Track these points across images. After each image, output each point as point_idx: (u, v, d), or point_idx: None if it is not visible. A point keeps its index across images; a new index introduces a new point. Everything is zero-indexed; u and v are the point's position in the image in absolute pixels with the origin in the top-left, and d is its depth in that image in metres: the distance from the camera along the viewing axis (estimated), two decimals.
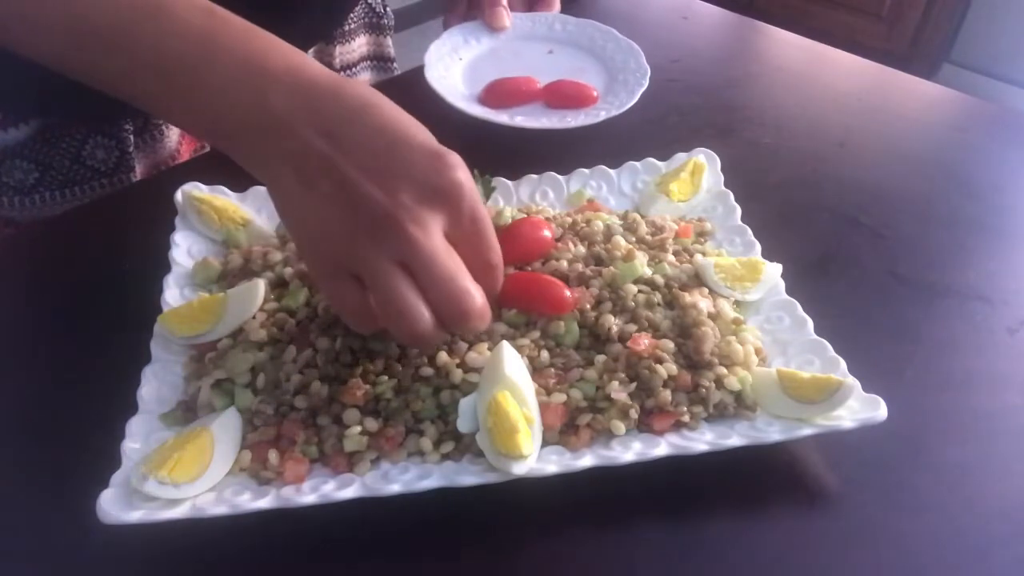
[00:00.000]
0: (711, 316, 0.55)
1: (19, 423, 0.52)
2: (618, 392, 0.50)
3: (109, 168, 0.74)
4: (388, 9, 0.97)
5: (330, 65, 0.89)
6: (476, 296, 0.45)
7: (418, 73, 0.76)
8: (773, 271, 0.59)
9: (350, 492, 0.45)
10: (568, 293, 0.54)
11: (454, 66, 0.77)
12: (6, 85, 0.67)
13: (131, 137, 0.74)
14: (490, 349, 0.51)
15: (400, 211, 0.43)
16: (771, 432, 0.49)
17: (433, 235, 0.44)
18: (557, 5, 0.85)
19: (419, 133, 0.46)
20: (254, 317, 0.54)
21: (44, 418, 0.52)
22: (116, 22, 0.47)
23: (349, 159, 0.44)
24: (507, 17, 0.81)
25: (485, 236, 0.47)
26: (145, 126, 0.76)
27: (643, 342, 0.52)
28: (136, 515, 0.43)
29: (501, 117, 0.70)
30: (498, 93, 0.73)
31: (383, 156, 0.44)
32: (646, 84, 0.74)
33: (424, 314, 0.43)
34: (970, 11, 2.59)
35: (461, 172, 0.45)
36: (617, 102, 0.72)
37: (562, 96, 0.74)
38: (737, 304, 0.58)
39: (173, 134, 0.80)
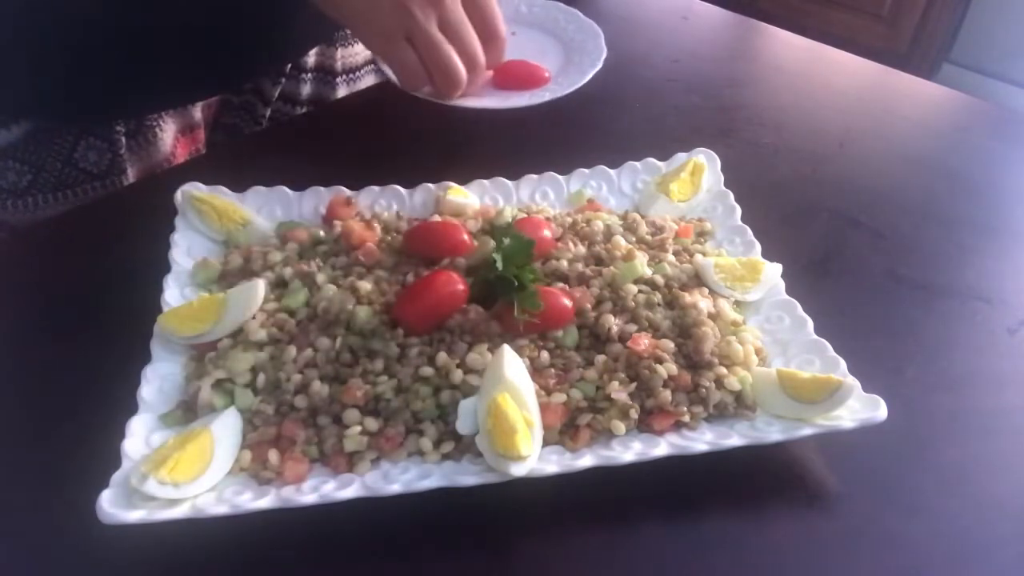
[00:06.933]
0: (711, 316, 0.55)
1: (19, 423, 0.52)
2: (618, 392, 0.50)
3: (101, 171, 0.74)
4: None
5: (332, 68, 0.88)
6: (483, 57, 0.61)
7: None
8: (773, 271, 0.59)
9: (350, 492, 0.45)
10: (568, 302, 0.54)
11: None
12: None
13: (123, 139, 0.74)
14: (491, 351, 0.51)
15: None
16: (771, 432, 0.49)
17: (460, 5, 0.59)
18: None
19: None
20: (254, 317, 0.54)
21: (44, 418, 0.52)
22: None
23: None
24: None
25: (490, 9, 0.62)
26: (138, 128, 0.76)
27: (643, 342, 0.52)
28: (136, 515, 0.43)
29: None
30: None
31: None
32: (599, 65, 0.72)
33: (463, 70, 0.59)
34: (970, 11, 2.58)
35: None
36: (567, 83, 0.71)
37: (510, 77, 0.72)
38: (737, 304, 0.58)
39: (167, 136, 0.79)
